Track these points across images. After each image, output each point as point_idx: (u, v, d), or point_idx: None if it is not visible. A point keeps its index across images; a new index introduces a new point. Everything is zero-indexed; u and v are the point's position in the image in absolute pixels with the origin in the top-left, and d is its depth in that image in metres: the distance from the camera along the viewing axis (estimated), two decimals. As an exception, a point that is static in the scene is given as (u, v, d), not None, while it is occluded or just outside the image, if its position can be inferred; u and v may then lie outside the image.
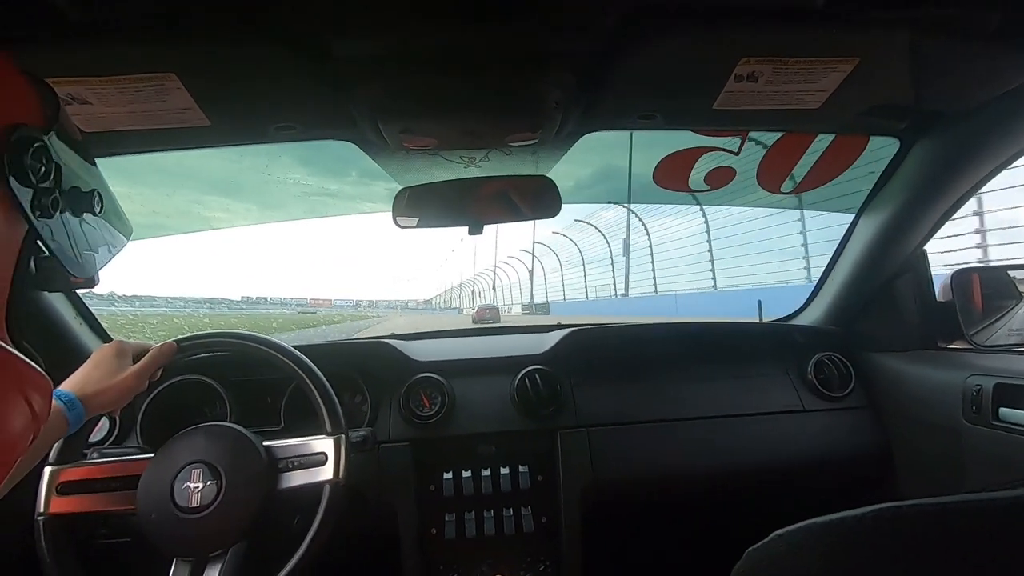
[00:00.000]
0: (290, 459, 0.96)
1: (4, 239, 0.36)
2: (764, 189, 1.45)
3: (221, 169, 1.83)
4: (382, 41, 0.80)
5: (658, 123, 1.11)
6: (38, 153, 0.39)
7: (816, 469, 1.34)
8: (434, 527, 1.26)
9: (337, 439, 0.98)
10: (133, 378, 0.89)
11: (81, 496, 0.92)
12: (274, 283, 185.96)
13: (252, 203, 2.66)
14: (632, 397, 1.37)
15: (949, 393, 1.16)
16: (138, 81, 0.80)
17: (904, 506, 0.42)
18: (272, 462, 0.95)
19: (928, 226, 1.26)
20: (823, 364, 1.40)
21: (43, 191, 0.40)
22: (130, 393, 0.89)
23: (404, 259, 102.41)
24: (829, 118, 1.08)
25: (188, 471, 0.90)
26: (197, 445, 0.94)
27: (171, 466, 0.91)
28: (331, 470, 0.95)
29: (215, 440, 0.95)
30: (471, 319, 26.38)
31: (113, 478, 0.93)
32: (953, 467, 1.15)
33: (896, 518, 0.42)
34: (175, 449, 0.94)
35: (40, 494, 0.91)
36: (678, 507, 1.49)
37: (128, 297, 11.79)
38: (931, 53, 0.86)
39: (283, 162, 1.39)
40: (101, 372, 0.86)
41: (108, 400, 0.86)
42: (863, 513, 0.42)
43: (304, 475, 0.95)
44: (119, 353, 0.89)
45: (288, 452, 0.96)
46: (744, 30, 0.79)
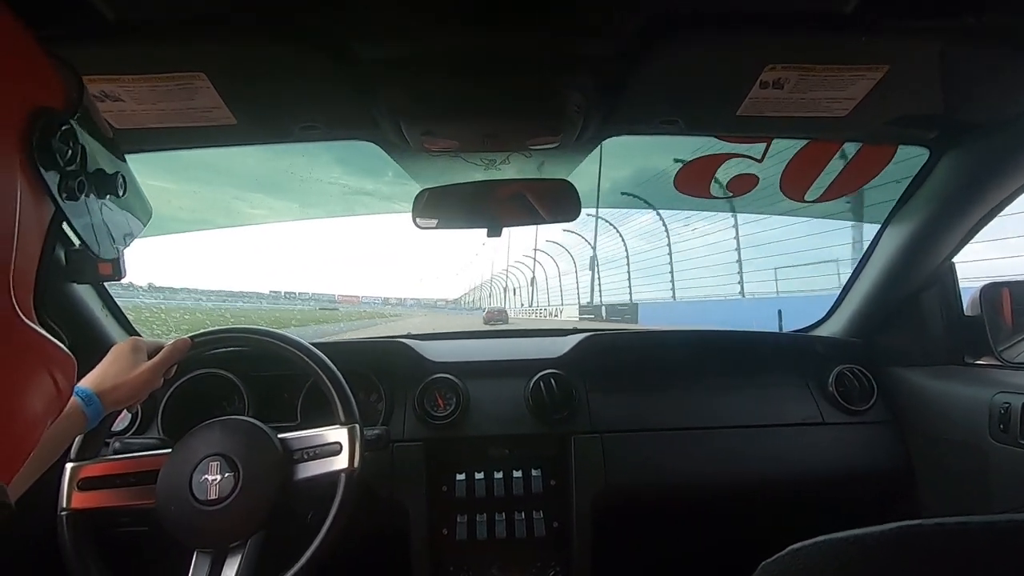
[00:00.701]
0: (305, 450, 0.97)
1: (32, 222, 0.37)
2: (788, 197, 1.43)
3: (264, 168, 1.88)
4: (406, 44, 0.81)
5: (680, 128, 1.10)
6: (65, 136, 0.39)
7: (834, 483, 1.31)
8: (445, 528, 1.26)
9: (351, 429, 0.99)
10: (148, 374, 0.91)
11: (102, 491, 0.94)
12: (305, 278, 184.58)
13: (293, 201, 2.71)
14: (647, 404, 1.36)
15: (975, 410, 1.13)
16: (169, 80, 0.82)
17: (926, 524, 0.41)
18: (287, 453, 0.96)
19: (957, 239, 1.23)
20: (844, 376, 1.38)
21: (70, 174, 0.40)
22: (145, 389, 0.91)
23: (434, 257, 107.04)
24: (856, 126, 1.06)
25: (206, 464, 0.92)
26: (214, 438, 0.96)
27: (189, 459, 0.93)
28: (346, 459, 0.96)
29: (232, 433, 0.96)
30: (482, 320, 25.98)
31: (133, 473, 0.95)
32: (978, 486, 1.12)
33: (917, 536, 0.41)
34: (193, 443, 0.96)
35: (62, 490, 0.93)
36: (691, 517, 1.47)
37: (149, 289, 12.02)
38: (964, 62, 0.84)
39: (322, 161, 1.43)
40: (117, 368, 0.88)
41: (124, 395, 0.87)
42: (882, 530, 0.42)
43: (319, 465, 0.96)
44: (135, 349, 0.92)
45: (303, 443, 0.98)
46: (770, 36, 0.78)
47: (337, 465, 0.96)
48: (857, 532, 0.43)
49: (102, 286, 1.33)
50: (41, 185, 0.38)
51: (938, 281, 1.30)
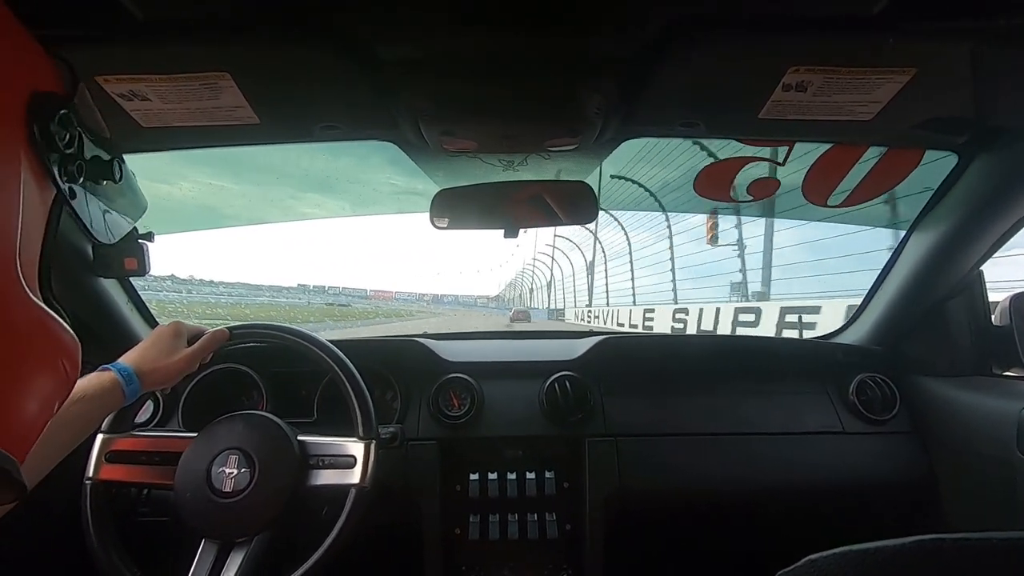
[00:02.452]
0: (321, 457, 0.98)
1: (35, 201, 0.38)
2: (810, 202, 1.41)
3: (317, 168, 1.92)
4: (427, 46, 0.81)
5: (701, 131, 1.09)
6: (63, 121, 0.41)
7: (853, 494, 1.29)
8: (458, 527, 1.26)
9: (368, 444, 1.00)
10: (187, 359, 0.93)
11: (127, 466, 0.97)
12: (340, 273, 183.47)
13: (345, 200, 2.76)
14: (663, 408, 1.34)
15: (1003, 423, 1.10)
16: (194, 79, 0.83)
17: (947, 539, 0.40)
18: (304, 457, 0.98)
19: (986, 246, 1.19)
20: (866, 385, 1.35)
21: (68, 157, 0.42)
22: (181, 373, 0.93)
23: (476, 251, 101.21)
24: (882, 130, 1.04)
25: (225, 456, 0.94)
26: (236, 432, 0.98)
27: (210, 449, 0.95)
28: (359, 474, 0.97)
29: (253, 428, 0.98)
30: (509, 319, 24.85)
31: (157, 452, 0.98)
32: (1003, 501, 1.09)
33: (938, 550, 0.40)
34: (215, 433, 0.98)
35: (91, 460, 0.97)
36: (705, 523, 1.46)
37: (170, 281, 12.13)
38: (995, 65, 0.82)
39: (373, 163, 1.47)
40: (158, 350, 0.91)
41: (162, 378, 0.90)
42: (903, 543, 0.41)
43: (332, 475, 0.98)
44: (176, 334, 0.95)
45: (320, 450, 0.99)
46: (794, 38, 0.77)
47: (349, 479, 0.97)
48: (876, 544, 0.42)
49: (127, 280, 1.36)
50: (42, 167, 0.39)
51: (966, 289, 1.27)
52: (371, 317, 18.50)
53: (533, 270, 39.36)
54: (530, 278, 41.43)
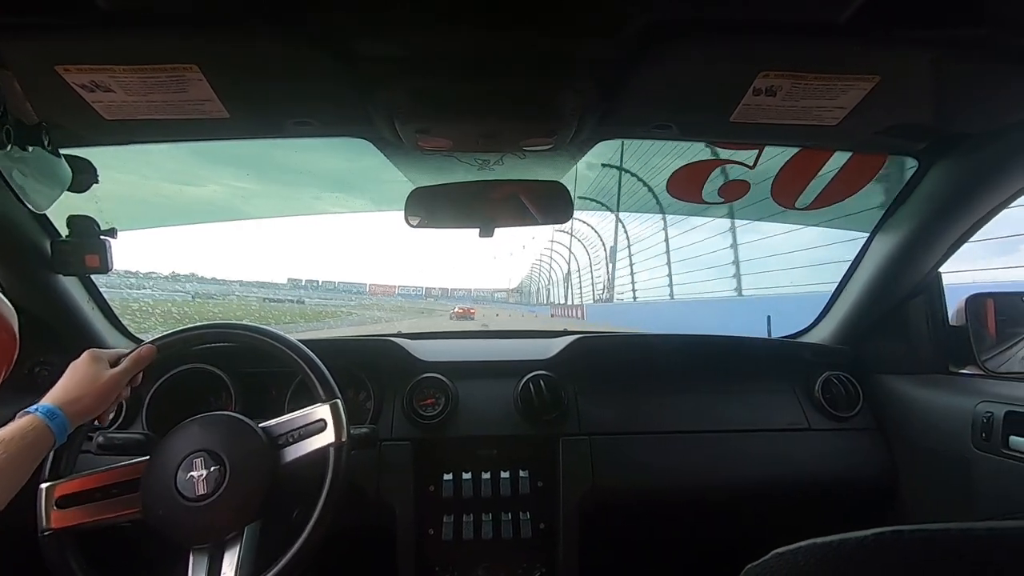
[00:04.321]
0: (289, 433, 0.96)
1: None
2: (778, 204, 1.44)
3: (339, 168, 1.88)
4: (404, 43, 0.81)
5: (674, 133, 1.11)
6: None
7: (819, 489, 1.32)
8: (431, 528, 1.26)
9: (333, 405, 0.97)
10: (111, 383, 0.89)
11: (82, 507, 0.91)
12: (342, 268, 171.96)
13: (366, 198, 2.71)
14: (636, 407, 1.36)
15: (959, 419, 1.14)
16: (161, 71, 0.81)
17: (906, 531, 0.41)
18: (271, 440, 0.95)
19: (944, 248, 1.24)
20: (831, 383, 1.39)
21: None
22: (109, 398, 0.90)
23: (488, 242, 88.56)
24: (847, 135, 1.07)
25: (189, 461, 0.91)
26: (194, 435, 0.94)
27: (171, 460, 0.92)
28: (332, 433, 0.95)
29: (211, 428, 0.95)
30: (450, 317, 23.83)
31: (112, 485, 0.92)
32: (960, 495, 1.14)
33: (897, 542, 0.41)
34: (172, 443, 0.94)
35: (39, 510, 0.90)
36: (677, 520, 1.48)
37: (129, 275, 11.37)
38: (955, 73, 0.85)
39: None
40: (77, 381, 0.87)
41: (87, 406, 0.86)
42: (864, 536, 0.42)
43: (306, 445, 0.95)
44: (93, 360, 0.90)
45: (286, 428, 0.96)
46: (765, 44, 0.79)
47: (324, 441, 0.95)
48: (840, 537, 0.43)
49: (88, 278, 1.32)
50: None
51: (925, 290, 1.32)
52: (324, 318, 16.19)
53: (551, 261, 35.45)
54: (547, 270, 37.87)
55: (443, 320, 21.93)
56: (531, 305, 43.15)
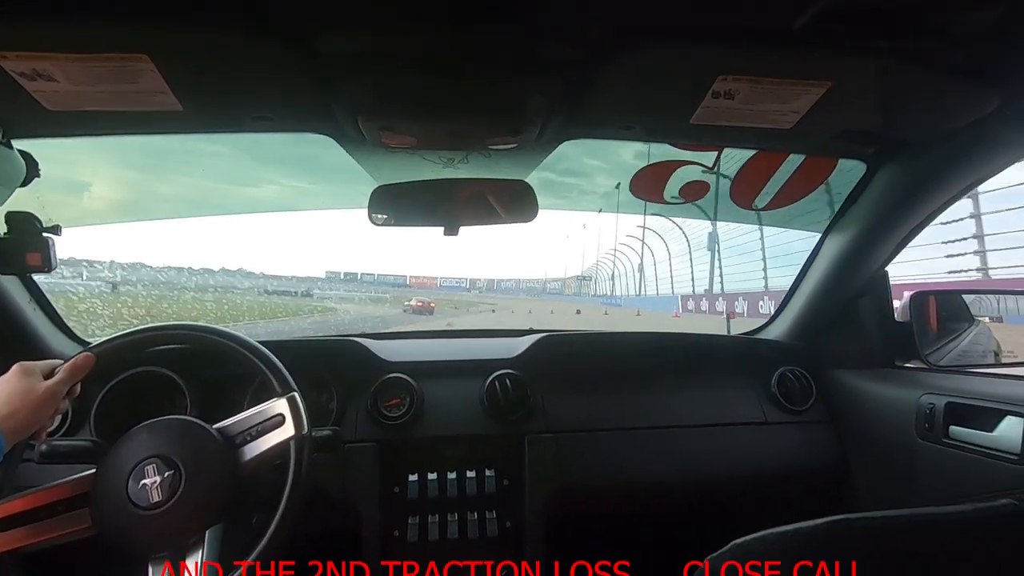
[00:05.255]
0: (246, 432, 0.92)
1: None
2: (737, 204, 1.49)
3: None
4: (369, 39, 0.79)
5: (637, 134, 1.13)
6: None
7: (776, 480, 1.37)
8: (396, 529, 1.24)
9: (289, 397, 0.94)
10: (46, 396, 0.84)
11: (27, 528, 0.85)
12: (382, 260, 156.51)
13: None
14: (601, 404, 1.38)
15: (904, 411, 1.20)
16: (108, 61, 0.77)
17: (853, 519, 0.43)
18: (227, 440, 0.91)
19: (890, 249, 1.30)
20: (786, 378, 1.44)
21: None
22: (45, 412, 0.85)
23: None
24: (801, 139, 1.11)
25: (141, 469, 0.86)
26: (143, 442, 0.90)
27: (120, 469, 0.87)
28: (291, 427, 0.92)
29: (161, 433, 0.91)
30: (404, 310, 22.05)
31: (58, 502, 0.86)
32: (906, 482, 1.19)
33: (846, 530, 0.43)
34: (120, 452, 0.89)
35: None
36: (643, 515, 1.51)
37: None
38: (900, 82, 0.89)
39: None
40: (7, 395, 0.82)
41: (21, 422, 0.81)
42: (817, 524, 0.44)
43: (265, 441, 0.92)
44: (25, 373, 0.85)
45: (242, 426, 0.93)
46: (724, 48, 0.81)
47: (284, 435, 0.92)
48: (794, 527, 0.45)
49: (30, 278, 1.25)
50: None
51: (872, 289, 1.38)
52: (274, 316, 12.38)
53: (615, 256, 31.73)
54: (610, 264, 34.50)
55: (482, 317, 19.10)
56: (604, 297, 32.95)
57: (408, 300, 8.48)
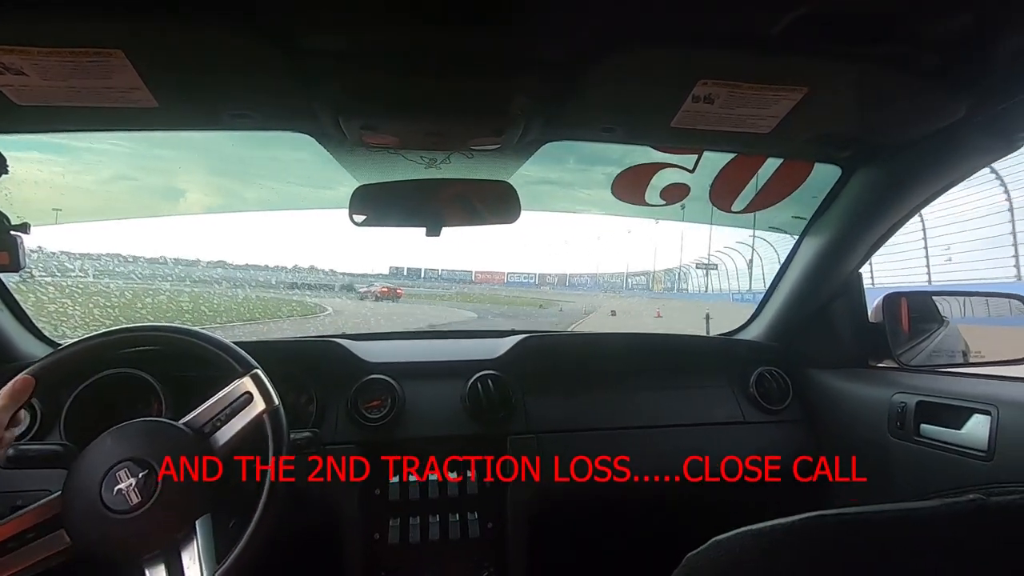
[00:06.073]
0: (215, 419, 0.91)
1: None
2: (716, 207, 1.50)
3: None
4: (351, 37, 0.79)
5: (619, 136, 1.14)
6: None
7: (755, 478, 1.39)
8: (378, 532, 1.23)
9: (252, 374, 0.93)
10: None
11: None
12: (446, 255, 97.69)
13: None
14: (582, 405, 1.38)
15: (877, 409, 1.23)
16: (81, 55, 0.75)
17: (827, 515, 0.44)
18: (197, 431, 0.90)
19: (864, 251, 1.33)
20: (764, 378, 1.46)
21: None
22: None
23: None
24: (778, 143, 1.13)
25: (112, 476, 0.84)
26: (108, 449, 0.87)
27: (91, 480, 0.84)
28: (261, 402, 0.91)
29: (128, 436, 0.88)
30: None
31: (27, 531, 0.83)
32: (880, 479, 1.22)
33: (820, 526, 0.44)
34: (88, 462, 0.86)
35: None
36: (625, 514, 1.51)
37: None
38: (874, 88, 0.92)
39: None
40: None
41: None
42: (792, 521, 0.45)
43: (236, 422, 0.91)
44: None
45: (209, 414, 0.91)
46: (704, 53, 0.82)
47: (255, 411, 0.91)
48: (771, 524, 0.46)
49: None
50: None
51: (847, 290, 1.41)
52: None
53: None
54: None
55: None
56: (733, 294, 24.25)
57: (370, 286, 7.68)
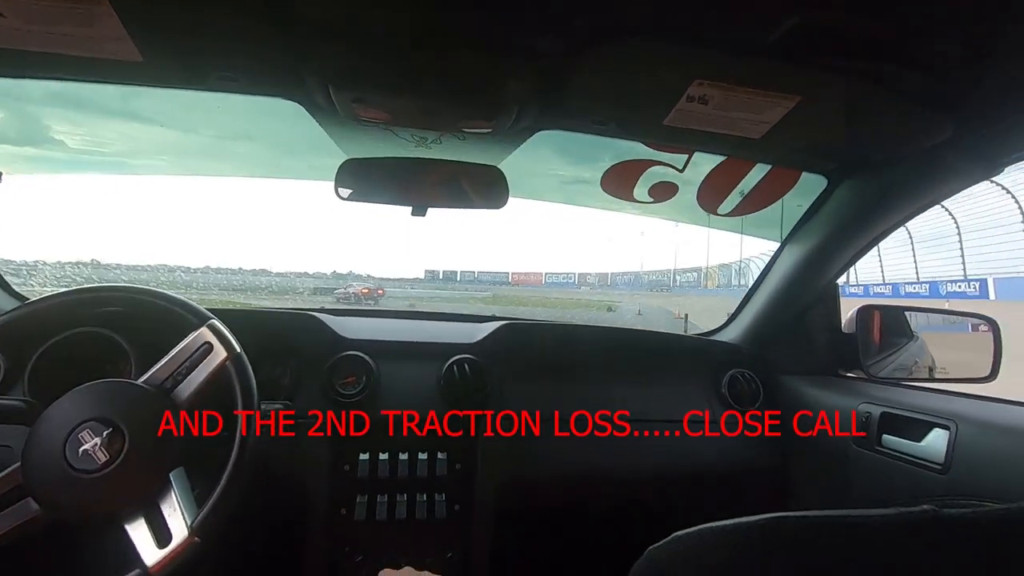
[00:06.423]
0: (175, 373, 0.90)
1: None
2: (703, 208, 1.51)
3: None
4: (350, 6, 0.77)
5: (611, 131, 1.14)
6: None
7: (722, 478, 1.41)
8: (344, 507, 1.23)
9: (209, 324, 0.92)
10: None
11: None
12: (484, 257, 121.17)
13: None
14: (557, 395, 1.39)
15: (843, 418, 1.26)
16: (62, 0, 0.72)
17: (789, 517, 0.45)
18: (158, 387, 0.89)
19: (843, 262, 1.35)
20: (736, 380, 1.48)
21: None
22: None
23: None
24: (768, 149, 1.14)
25: (75, 438, 0.82)
26: (68, 412, 0.85)
27: (52, 446, 0.81)
28: (222, 350, 0.91)
29: (86, 397, 0.86)
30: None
31: None
32: (842, 486, 1.25)
33: (781, 527, 0.45)
34: (45, 428, 0.84)
35: None
36: (591, 507, 1.53)
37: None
38: (864, 103, 0.93)
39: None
40: None
41: None
42: (753, 521, 0.46)
43: (198, 374, 0.90)
44: None
45: (168, 369, 0.90)
46: (701, 54, 0.82)
47: (216, 360, 0.90)
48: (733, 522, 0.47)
49: None
50: None
51: (823, 300, 1.43)
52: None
53: None
54: None
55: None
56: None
57: (347, 287, 6.92)
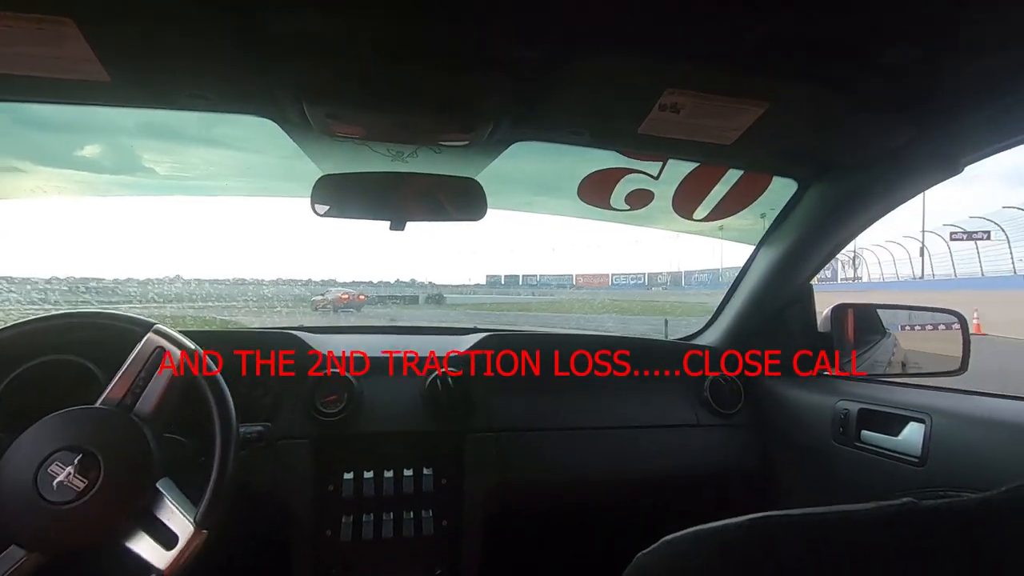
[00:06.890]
0: (133, 385, 0.88)
1: None
2: (678, 214, 1.54)
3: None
4: (319, 20, 0.76)
5: (586, 140, 1.15)
6: None
7: (708, 480, 1.42)
8: (329, 528, 1.21)
9: (155, 329, 0.91)
10: None
11: None
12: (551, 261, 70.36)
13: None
14: (542, 404, 1.39)
15: (822, 415, 1.28)
16: (28, 22, 0.71)
17: (773, 516, 0.46)
18: (119, 403, 0.87)
19: (816, 263, 1.39)
20: (717, 383, 1.49)
21: None
22: None
23: None
24: (739, 155, 1.17)
25: (45, 472, 0.79)
26: (30, 448, 0.82)
27: (22, 488, 0.78)
28: (177, 352, 0.89)
29: (44, 431, 0.84)
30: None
31: None
32: (823, 482, 1.27)
33: (765, 527, 0.46)
34: (8, 471, 0.81)
35: None
36: (581, 514, 1.53)
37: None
38: (830, 108, 0.96)
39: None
40: None
41: None
42: (739, 522, 0.46)
43: (159, 380, 0.88)
44: None
45: (124, 385, 0.88)
46: (672, 62, 0.84)
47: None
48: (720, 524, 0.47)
49: None
50: None
51: (799, 300, 1.46)
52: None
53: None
54: None
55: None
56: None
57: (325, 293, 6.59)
